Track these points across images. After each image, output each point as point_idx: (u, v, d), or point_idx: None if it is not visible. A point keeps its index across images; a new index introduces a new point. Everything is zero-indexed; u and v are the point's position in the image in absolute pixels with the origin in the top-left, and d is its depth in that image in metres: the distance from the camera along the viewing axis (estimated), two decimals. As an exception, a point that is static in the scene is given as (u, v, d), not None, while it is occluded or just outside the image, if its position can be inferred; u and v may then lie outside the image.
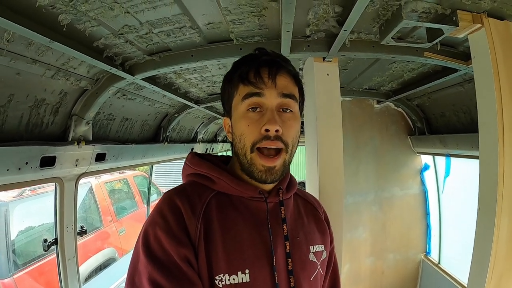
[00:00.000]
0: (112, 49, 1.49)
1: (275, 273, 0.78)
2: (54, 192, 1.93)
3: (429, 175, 3.25)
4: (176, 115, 2.95)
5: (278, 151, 0.79)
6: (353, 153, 3.05)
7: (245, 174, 0.82)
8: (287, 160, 0.82)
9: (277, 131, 0.77)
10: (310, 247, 0.89)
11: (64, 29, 1.17)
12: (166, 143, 3.04)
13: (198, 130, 4.02)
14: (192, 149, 3.93)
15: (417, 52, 1.57)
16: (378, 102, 3.04)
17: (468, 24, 1.15)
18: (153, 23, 1.32)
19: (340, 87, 2.69)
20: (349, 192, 3.02)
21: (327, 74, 1.65)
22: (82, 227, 2.19)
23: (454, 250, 3.02)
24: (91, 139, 1.94)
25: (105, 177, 5.32)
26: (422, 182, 3.24)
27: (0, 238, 3.15)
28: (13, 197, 3.51)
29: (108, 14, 1.19)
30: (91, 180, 4.89)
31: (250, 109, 0.79)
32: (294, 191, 0.95)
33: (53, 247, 1.92)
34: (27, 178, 1.57)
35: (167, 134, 3.03)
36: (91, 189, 4.88)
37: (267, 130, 0.76)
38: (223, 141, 5.43)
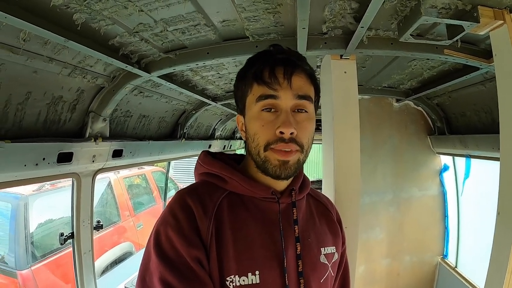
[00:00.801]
0: (128, 47, 1.50)
1: (286, 274, 0.77)
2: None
3: (448, 176, 3.15)
4: (194, 112, 2.97)
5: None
6: (371, 152, 3.00)
7: (260, 170, 0.81)
8: (301, 159, 0.80)
9: (291, 133, 0.75)
10: (321, 248, 0.88)
11: (79, 28, 1.18)
12: (184, 139, 3.06)
13: (216, 127, 4.03)
14: (210, 146, 3.96)
15: (437, 49, 1.51)
16: (398, 100, 2.96)
17: (489, 21, 1.10)
18: (168, 21, 1.32)
19: (359, 85, 2.64)
20: (366, 192, 2.97)
21: (345, 72, 1.61)
22: (98, 221, 2.24)
23: (472, 254, 2.93)
24: (108, 135, 1.96)
25: (124, 172, 5.43)
26: (441, 183, 3.15)
27: (19, 231, 3.27)
28: (33, 190, 3.62)
29: (122, 12, 1.19)
30: (110, 175, 5.00)
31: (265, 110, 0.78)
32: (307, 191, 0.94)
33: (70, 240, 1.97)
34: (45, 174, 1.61)
35: (184, 131, 3.05)
36: (109, 184, 4.99)
37: (281, 133, 0.75)
38: (241, 138, 5.40)
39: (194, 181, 0.92)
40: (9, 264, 3.24)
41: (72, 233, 1.95)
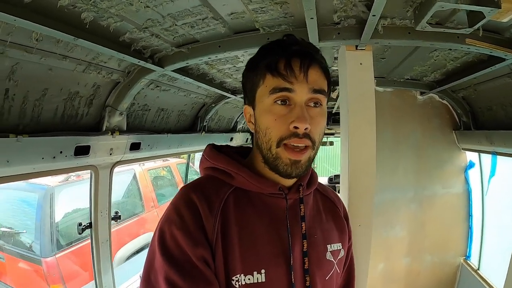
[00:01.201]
0: (139, 42, 1.51)
1: (292, 272, 0.76)
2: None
3: (474, 174, 2.98)
4: (213, 105, 2.99)
5: (305, 147, 0.75)
6: (393, 147, 2.87)
7: (269, 167, 0.79)
8: (312, 156, 0.78)
9: (306, 128, 0.73)
10: (327, 245, 0.87)
11: (87, 26, 1.20)
12: (204, 132, 3.09)
13: (238, 120, 4.05)
14: (232, 138, 3.98)
15: (458, 39, 1.41)
16: (422, 93, 2.81)
17: (511, 6, 1.01)
18: (175, 16, 1.31)
19: (381, 77, 2.58)
20: (387, 188, 2.87)
21: (360, 63, 1.54)
22: (116, 212, 2.30)
23: (495, 257, 2.76)
24: (125, 129, 2.01)
25: (149, 164, 5.58)
26: (466, 181, 2.98)
27: (45, 220, 3.42)
28: (59, 182, 3.78)
29: (128, 9, 1.20)
30: (135, 168, 5.14)
31: (278, 102, 0.75)
32: (315, 187, 0.92)
33: (88, 230, 2.05)
34: (62, 166, 1.68)
35: (204, 124, 3.09)
36: (134, 176, 5.14)
37: (296, 127, 0.73)
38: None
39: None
40: (35, 252, 3.41)
41: (90, 223, 2.03)
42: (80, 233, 2.08)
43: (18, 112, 1.40)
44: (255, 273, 0.73)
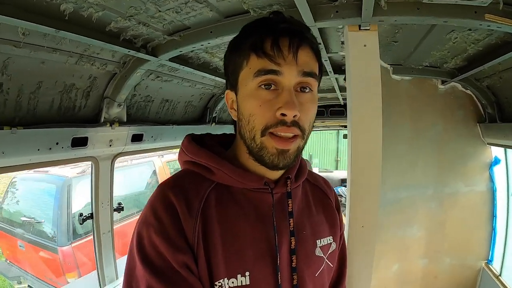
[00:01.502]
0: (128, 31, 1.48)
1: (279, 272, 0.71)
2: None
3: (499, 171, 2.71)
4: (223, 95, 2.94)
5: (293, 136, 0.68)
6: (411, 141, 2.65)
7: (254, 158, 0.72)
8: (301, 146, 0.71)
9: (295, 116, 0.65)
10: (316, 241, 0.81)
11: (66, 17, 1.18)
12: (214, 124, 3.05)
13: (251, 111, 4.00)
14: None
15: (476, 14, 1.22)
16: (443, 82, 2.57)
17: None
18: (156, 2, 1.26)
19: (397, 65, 2.41)
20: (404, 185, 2.68)
21: (364, 45, 1.39)
22: (119, 204, 2.31)
23: None
24: (125, 120, 2.01)
25: (168, 156, 5.69)
26: (491, 179, 2.71)
27: (62, 210, 3.57)
28: (77, 173, 3.92)
29: None
30: (154, 160, 5.26)
31: (263, 86, 0.67)
32: (304, 178, 0.84)
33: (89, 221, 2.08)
34: (59, 157, 1.71)
35: (214, 115, 3.04)
36: (153, 167, 5.27)
37: (283, 115, 0.65)
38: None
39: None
40: (52, 241, 3.56)
41: (92, 213, 2.05)
42: (81, 223, 2.10)
43: (14, 105, 1.43)
44: (239, 276, 0.68)
